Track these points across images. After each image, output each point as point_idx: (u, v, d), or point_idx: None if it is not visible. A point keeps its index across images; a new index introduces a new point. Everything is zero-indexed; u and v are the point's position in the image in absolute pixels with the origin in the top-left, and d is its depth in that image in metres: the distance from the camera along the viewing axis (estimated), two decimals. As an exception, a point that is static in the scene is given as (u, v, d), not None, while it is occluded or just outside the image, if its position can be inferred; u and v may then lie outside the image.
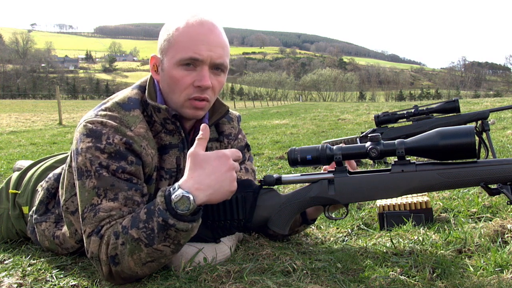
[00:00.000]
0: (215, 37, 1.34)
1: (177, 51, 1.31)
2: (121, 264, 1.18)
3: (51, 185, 1.59)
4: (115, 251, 1.18)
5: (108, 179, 1.23)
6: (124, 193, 1.24)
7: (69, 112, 21.10)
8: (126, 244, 1.16)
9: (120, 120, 1.30)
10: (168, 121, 1.37)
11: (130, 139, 1.28)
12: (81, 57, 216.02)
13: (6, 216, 1.74)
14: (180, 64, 1.31)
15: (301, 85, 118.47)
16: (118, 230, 1.18)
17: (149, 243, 1.15)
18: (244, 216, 1.30)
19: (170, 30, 1.34)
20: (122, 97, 1.38)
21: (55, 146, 6.76)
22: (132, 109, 1.35)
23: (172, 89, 1.35)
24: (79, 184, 1.26)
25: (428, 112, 2.82)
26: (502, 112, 7.20)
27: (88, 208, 1.23)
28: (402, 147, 1.19)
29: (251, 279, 1.19)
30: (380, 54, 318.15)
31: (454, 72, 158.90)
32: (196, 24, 1.32)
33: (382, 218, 1.60)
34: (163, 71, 1.35)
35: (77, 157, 1.27)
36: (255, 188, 1.33)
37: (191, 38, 1.30)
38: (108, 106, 1.35)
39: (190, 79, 1.33)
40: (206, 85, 1.33)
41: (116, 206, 1.22)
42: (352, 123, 8.84)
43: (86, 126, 1.29)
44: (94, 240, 1.21)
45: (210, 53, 1.32)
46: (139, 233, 1.16)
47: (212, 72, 1.35)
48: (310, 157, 1.26)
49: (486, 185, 1.15)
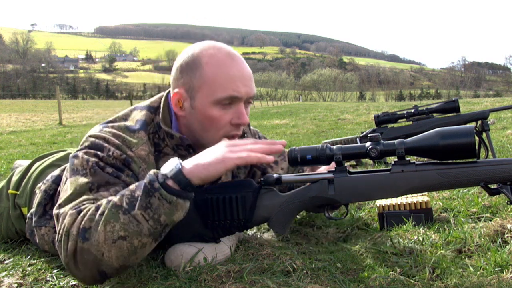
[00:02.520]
0: (247, 70, 1.33)
1: (213, 90, 1.27)
2: (90, 240, 1.06)
3: (49, 187, 1.58)
4: (89, 224, 1.08)
5: (104, 176, 1.20)
6: (116, 188, 1.20)
7: (69, 112, 21.10)
8: (104, 212, 1.08)
9: (123, 139, 1.28)
10: (180, 147, 1.35)
11: (130, 158, 1.26)
12: (81, 57, 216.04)
13: (6, 215, 1.74)
14: (218, 103, 1.28)
15: (301, 85, 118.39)
16: (100, 204, 1.11)
17: (128, 208, 1.08)
18: (244, 216, 1.30)
19: (197, 66, 1.30)
20: (130, 120, 1.36)
21: (55, 146, 6.76)
22: (137, 131, 1.32)
23: (206, 128, 1.32)
24: (71, 180, 1.20)
25: (428, 112, 2.82)
26: (502, 112, 7.20)
27: (75, 198, 1.17)
28: (402, 147, 1.19)
29: (251, 279, 1.19)
30: (380, 54, 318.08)
31: (454, 72, 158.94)
32: (226, 59, 1.30)
33: (382, 218, 1.60)
34: (194, 109, 1.31)
35: (73, 160, 1.25)
36: (255, 188, 1.33)
37: (227, 75, 1.28)
38: (115, 125, 1.33)
39: (227, 117, 1.31)
40: (245, 123, 1.33)
41: (105, 195, 1.17)
42: (352, 123, 8.85)
43: (89, 139, 1.29)
44: (71, 214, 1.11)
45: (246, 88, 1.31)
46: (121, 200, 1.10)
47: (244, 105, 1.34)
48: (310, 156, 1.26)
49: (486, 185, 1.15)
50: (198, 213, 1.33)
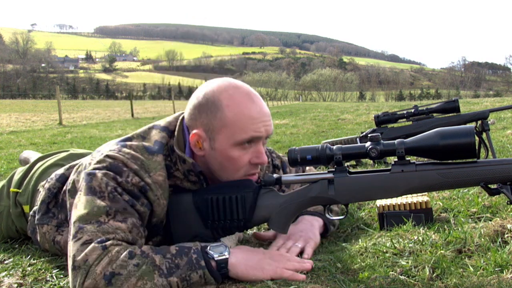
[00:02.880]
0: (265, 109, 1.34)
1: (234, 132, 1.28)
2: (115, 286, 1.07)
3: (53, 185, 1.58)
4: (119, 270, 1.08)
5: (122, 203, 1.20)
6: (133, 220, 1.21)
7: (69, 112, 21.09)
8: (139, 265, 1.10)
9: (141, 163, 1.27)
10: (191, 173, 1.35)
11: (147, 185, 1.26)
12: (81, 57, 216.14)
13: (6, 213, 1.74)
14: (238, 144, 1.30)
15: (301, 85, 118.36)
16: (134, 251, 1.12)
17: (166, 273, 1.10)
18: (244, 216, 1.30)
19: (217, 107, 1.30)
20: (148, 139, 1.35)
21: (55, 146, 6.76)
22: (156, 153, 1.31)
23: (226, 168, 1.33)
24: (87, 198, 1.20)
25: (428, 112, 2.82)
26: (502, 112, 7.20)
27: (91, 222, 1.16)
28: (402, 147, 1.19)
29: (251, 279, 1.19)
30: (380, 54, 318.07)
31: (454, 72, 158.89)
32: (246, 101, 1.31)
33: (382, 218, 1.60)
34: (214, 150, 1.32)
35: (91, 178, 1.23)
36: (255, 188, 1.33)
37: (248, 117, 1.29)
38: (133, 145, 1.31)
39: (247, 158, 1.32)
40: (264, 163, 1.34)
41: (123, 228, 1.17)
42: (352, 123, 8.84)
43: (107, 160, 1.26)
44: (94, 247, 1.11)
45: (266, 128, 1.33)
46: (162, 261, 1.12)
47: (263, 142, 1.35)
48: (310, 157, 1.26)
49: (486, 185, 1.15)
50: (198, 213, 1.33)
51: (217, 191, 1.33)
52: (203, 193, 1.34)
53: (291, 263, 1.25)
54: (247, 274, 1.19)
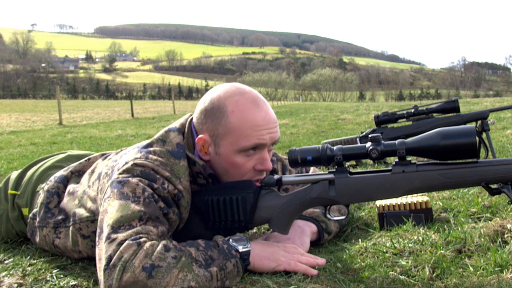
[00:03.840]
0: (271, 116, 1.34)
1: (238, 139, 1.29)
2: (155, 279, 1.05)
3: (52, 186, 1.58)
4: (159, 262, 1.07)
5: (156, 210, 1.20)
6: (163, 228, 1.20)
7: (69, 112, 21.09)
8: (177, 258, 1.10)
9: (171, 169, 1.27)
10: (200, 176, 1.34)
11: (180, 192, 1.26)
12: (81, 57, 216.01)
13: (5, 217, 1.73)
14: (242, 151, 1.30)
15: (301, 85, 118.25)
16: (167, 245, 1.12)
17: (205, 264, 1.11)
18: (245, 217, 1.30)
19: (222, 113, 1.30)
20: (169, 142, 1.33)
21: (55, 146, 6.76)
22: (182, 158, 1.31)
23: (229, 173, 1.34)
24: (121, 203, 1.18)
25: (428, 112, 2.82)
26: (502, 112, 7.20)
27: (124, 226, 1.14)
28: (402, 148, 1.18)
29: (251, 279, 1.19)
30: (380, 54, 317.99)
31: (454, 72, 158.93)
32: (251, 107, 1.31)
33: (382, 218, 1.60)
34: (219, 155, 1.33)
35: (122, 185, 1.21)
36: (256, 189, 1.33)
37: (252, 124, 1.29)
38: (158, 151, 1.30)
39: (251, 164, 1.33)
40: (268, 169, 1.35)
41: (154, 232, 1.17)
42: (352, 123, 8.84)
43: (136, 168, 1.24)
44: (129, 244, 1.09)
45: (271, 135, 1.33)
46: (197, 253, 1.13)
47: (268, 148, 1.36)
48: (310, 157, 1.26)
49: (487, 185, 1.15)
50: (198, 214, 1.33)
51: (218, 192, 1.33)
52: (203, 194, 1.34)
53: (305, 258, 1.26)
54: (262, 265, 1.21)
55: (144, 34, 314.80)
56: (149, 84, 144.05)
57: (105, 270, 1.07)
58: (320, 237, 1.49)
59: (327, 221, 1.49)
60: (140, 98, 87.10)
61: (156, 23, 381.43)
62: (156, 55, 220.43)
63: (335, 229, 1.55)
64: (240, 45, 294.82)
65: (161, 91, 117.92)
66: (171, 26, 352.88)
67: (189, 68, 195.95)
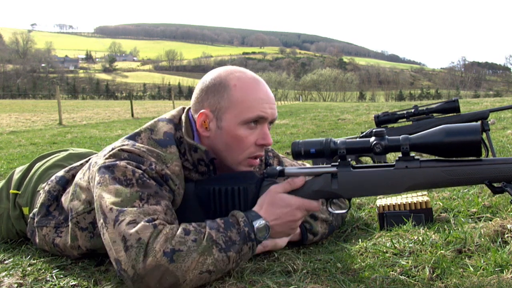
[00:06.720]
0: (271, 94, 1.38)
1: (241, 111, 1.30)
2: (176, 263, 1.05)
3: (53, 187, 1.57)
4: (179, 247, 1.07)
5: (152, 186, 1.20)
6: (166, 202, 1.21)
7: (69, 112, 21.09)
8: (198, 241, 1.09)
9: (157, 155, 1.28)
10: (202, 163, 1.35)
11: (168, 175, 1.26)
12: (81, 57, 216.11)
13: (6, 216, 1.73)
14: (245, 123, 1.31)
15: (301, 85, 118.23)
16: (186, 228, 1.12)
17: (225, 248, 1.12)
18: (246, 207, 1.30)
19: (224, 88, 1.32)
20: (157, 131, 1.34)
21: (55, 146, 6.76)
22: (169, 145, 1.32)
23: (231, 148, 1.34)
24: (116, 187, 1.18)
25: (428, 112, 2.82)
26: (502, 112, 7.20)
27: (127, 208, 1.13)
28: (407, 143, 1.18)
29: (251, 279, 1.19)
30: (380, 54, 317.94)
31: (454, 72, 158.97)
32: (253, 82, 1.35)
33: (382, 218, 1.60)
34: (221, 129, 1.33)
35: (112, 170, 1.21)
36: (257, 180, 1.33)
37: (255, 97, 1.32)
38: (144, 138, 1.31)
39: (253, 138, 1.34)
40: (269, 144, 1.37)
41: (160, 210, 1.16)
42: (352, 123, 8.84)
43: (123, 153, 1.25)
44: (145, 225, 1.08)
45: (272, 110, 1.35)
46: (217, 235, 1.13)
47: (268, 127, 1.38)
48: (314, 150, 1.26)
49: (490, 184, 1.14)
50: (200, 203, 1.33)
51: (219, 182, 1.33)
52: (205, 184, 1.34)
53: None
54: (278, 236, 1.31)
55: (144, 34, 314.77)
56: (149, 84, 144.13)
57: (125, 251, 1.07)
58: (304, 238, 1.47)
59: (312, 222, 1.48)
60: (140, 98, 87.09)
61: (156, 23, 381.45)
62: (156, 55, 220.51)
63: (323, 230, 1.51)
64: (240, 45, 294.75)
65: (161, 91, 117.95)
66: (171, 26, 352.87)
67: (189, 68, 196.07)
